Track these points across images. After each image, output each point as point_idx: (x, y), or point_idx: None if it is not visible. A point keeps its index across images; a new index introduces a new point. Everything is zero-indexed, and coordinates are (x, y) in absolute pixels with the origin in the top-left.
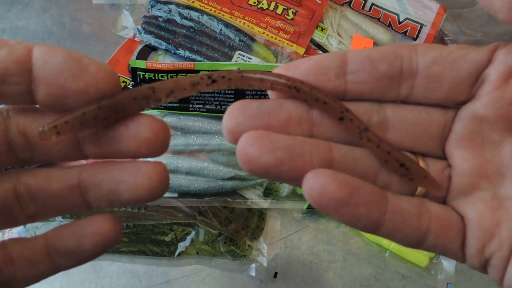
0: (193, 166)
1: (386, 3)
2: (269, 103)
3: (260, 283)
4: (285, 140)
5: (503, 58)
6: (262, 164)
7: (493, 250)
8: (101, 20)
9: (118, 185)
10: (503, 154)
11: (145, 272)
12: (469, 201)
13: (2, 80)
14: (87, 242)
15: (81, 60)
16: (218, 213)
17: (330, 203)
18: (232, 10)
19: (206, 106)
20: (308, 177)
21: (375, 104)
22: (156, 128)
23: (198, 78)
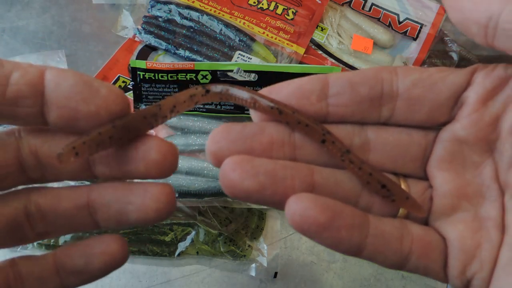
0: (193, 166)
1: (386, 3)
2: (251, 127)
3: (260, 283)
4: (267, 165)
5: (481, 81)
6: (244, 189)
7: (474, 271)
8: (101, 20)
9: (126, 207)
10: (483, 175)
11: (145, 272)
12: (450, 222)
13: (15, 102)
14: (96, 261)
15: (92, 83)
16: (218, 213)
17: (312, 227)
18: (232, 10)
19: (206, 106)
20: (290, 202)
21: (356, 126)
22: (164, 150)
23: (194, 89)
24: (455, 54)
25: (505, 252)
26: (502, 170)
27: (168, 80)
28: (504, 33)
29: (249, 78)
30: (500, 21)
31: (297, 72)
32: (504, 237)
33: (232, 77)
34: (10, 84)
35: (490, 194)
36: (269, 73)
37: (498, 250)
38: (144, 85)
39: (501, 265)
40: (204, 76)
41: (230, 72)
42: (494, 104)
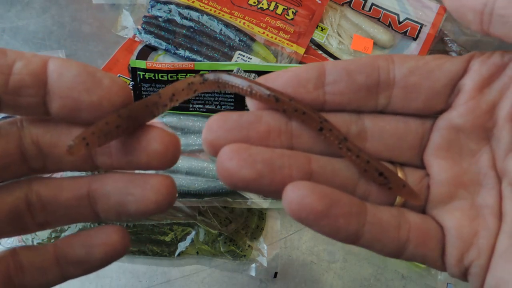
0: (193, 166)
1: (386, 3)
2: (248, 115)
3: (260, 283)
4: (265, 153)
5: (477, 68)
6: (242, 177)
7: (472, 259)
8: (101, 20)
9: (125, 197)
10: (480, 163)
11: (145, 272)
12: (447, 211)
13: (17, 92)
14: (96, 252)
15: (95, 73)
16: (218, 213)
17: (310, 215)
18: (232, 10)
19: (206, 106)
20: (288, 190)
21: (353, 114)
22: (166, 141)
23: (192, 78)
24: (455, 54)
25: (502, 239)
26: (499, 158)
27: (168, 80)
28: (499, 19)
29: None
30: (495, 7)
31: None
32: (502, 224)
33: None
34: (13, 73)
35: (487, 182)
36: (269, 73)
37: (496, 238)
38: (144, 85)
39: (499, 252)
40: None
41: (230, 72)
42: (490, 92)
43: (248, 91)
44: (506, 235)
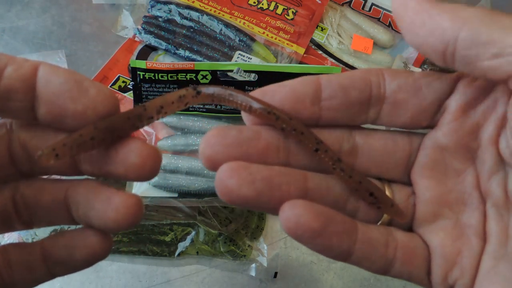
0: (193, 166)
1: (386, 3)
2: (247, 131)
3: (260, 283)
4: (264, 171)
5: (462, 90)
6: (241, 196)
7: (455, 278)
8: (101, 20)
9: (89, 211)
10: (465, 183)
11: (145, 272)
12: (432, 230)
13: (7, 96)
14: (77, 254)
15: (82, 82)
16: (218, 213)
17: (305, 233)
18: (232, 10)
19: (206, 106)
20: (285, 208)
21: (345, 131)
22: (145, 155)
23: (184, 90)
24: None
25: (486, 260)
26: (483, 179)
27: (168, 80)
28: (462, 59)
29: (249, 78)
30: (457, 48)
31: (297, 72)
32: (486, 245)
33: (232, 77)
34: (3, 77)
35: (471, 202)
36: (269, 73)
37: (479, 258)
38: (144, 85)
39: (483, 273)
40: (204, 76)
41: (230, 72)
42: (475, 113)
43: (247, 107)
44: (490, 256)
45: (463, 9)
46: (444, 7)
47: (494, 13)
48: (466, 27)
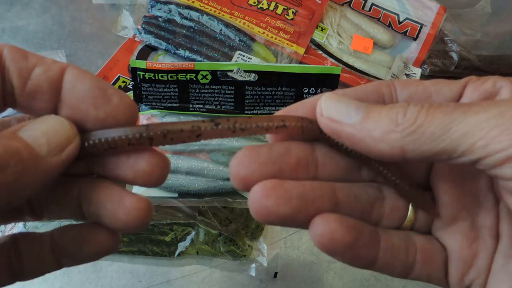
0: (193, 166)
1: (386, 3)
2: (277, 148)
3: (260, 283)
4: (298, 188)
5: (470, 94)
6: (280, 214)
7: (472, 279)
8: (101, 20)
9: (100, 210)
10: (480, 185)
11: (145, 272)
12: (449, 233)
13: (33, 95)
14: (86, 248)
15: (107, 90)
16: (218, 213)
17: (338, 248)
18: (232, 10)
19: (206, 106)
20: (316, 223)
21: None
22: (154, 162)
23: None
24: (455, 54)
25: (498, 259)
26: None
27: (168, 80)
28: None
29: (249, 78)
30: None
31: (297, 72)
32: (498, 245)
33: (232, 77)
34: (31, 78)
35: (486, 203)
36: (269, 73)
37: (493, 257)
38: (144, 85)
39: (495, 271)
40: (204, 76)
41: (230, 72)
42: None
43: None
44: (501, 255)
45: (392, 130)
46: (375, 133)
47: (417, 124)
48: (406, 150)
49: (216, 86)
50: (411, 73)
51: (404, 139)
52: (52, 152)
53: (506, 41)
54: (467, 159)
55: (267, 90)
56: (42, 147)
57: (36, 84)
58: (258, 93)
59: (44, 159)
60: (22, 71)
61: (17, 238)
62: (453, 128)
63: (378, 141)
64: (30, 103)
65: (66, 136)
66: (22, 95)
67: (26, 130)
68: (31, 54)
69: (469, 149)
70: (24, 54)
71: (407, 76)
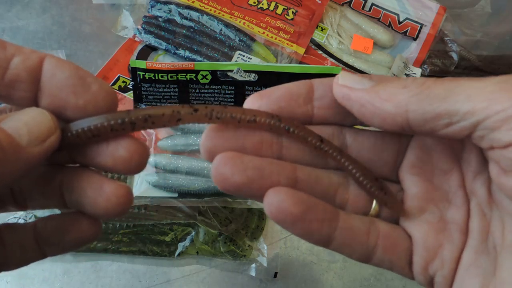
0: (193, 166)
1: (386, 3)
2: (243, 130)
3: (260, 283)
4: (255, 161)
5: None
6: (234, 182)
7: (436, 269)
8: (101, 20)
9: (82, 198)
10: (450, 182)
11: (145, 272)
12: (416, 223)
13: (12, 85)
14: (68, 237)
15: (85, 78)
16: (218, 213)
17: (287, 218)
18: (232, 10)
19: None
20: (268, 194)
21: (336, 129)
22: (133, 149)
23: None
24: (455, 54)
25: (467, 254)
26: (468, 179)
27: (168, 80)
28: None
29: (249, 78)
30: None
31: (297, 72)
32: (468, 240)
33: (232, 77)
34: (10, 67)
35: (456, 200)
36: (269, 73)
37: (461, 252)
38: (144, 85)
39: (464, 266)
40: (204, 76)
41: (230, 72)
42: None
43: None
44: (471, 251)
45: (399, 92)
46: (382, 94)
47: (425, 85)
48: (410, 110)
49: (216, 86)
50: (411, 73)
51: (409, 99)
52: (33, 142)
53: (506, 41)
54: (467, 123)
55: None
56: (23, 137)
57: (15, 74)
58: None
59: (25, 149)
60: (0, 61)
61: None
62: (458, 91)
63: (384, 101)
64: (9, 92)
65: (48, 127)
66: (1, 84)
67: (8, 122)
68: (9, 44)
69: (471, 111)
70: (3, 45)
71: (407, 76)
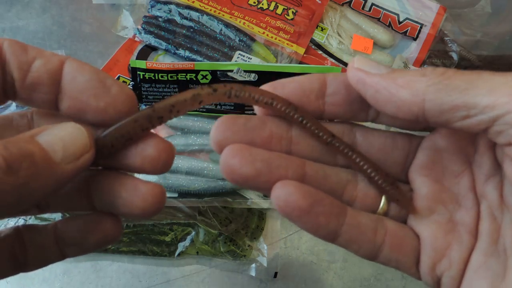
0: (193, 166)
1: (386, 3)
2: (254, 121)
3: (260, 283)
4: (264, 154)
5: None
6: (242, 174)
7: (443, 269)
8: (101, 20)
9: (115, 199)
10: (461, 184)
11: (145, 272)
12: (425, 223)
13: (33, 87)
14: (90, 238)
15: (106, 81)
16: (218, 213)
17: (294, 211)
18: (232, 10)
19: (206, 106)
20: (276, 187)
21: (347, 126)
22: (160, 148)
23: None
24: (455, 54)
25: (477, 256)
26: (480, 182)
27: (168, 80)
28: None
29: (249, 78)
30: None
31: (297, 72)
32: (477, 242)
33: (232, 77)
34: (31, 70)
35: (466, 202)
36: (269, 73)
37: (470, 254)
38: (144, 85)
39: (473, 267)
40: (204, 76)
41: (230, 72)
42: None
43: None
44: (481, 252)
45: (417, 80)
46: (400, 81)
47: (445, 76)
48: (427, 100)
49: None
50: None
51: (427, 88)
52: (67, 159)
53: (506, 41)
54: (486, 117)
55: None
56: (58, 153)
57: (36, 76)
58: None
59: (58, 165)
60: (22, 64)
61: (21, 230)
62: (479, 84)
63: (401, 87)
64: (30, 95)
65: (83, 144)
66: (23, 87)
67: (44, 135)
68: (31, 47)
69: (491, 105)
70: (24, 48)
71: None
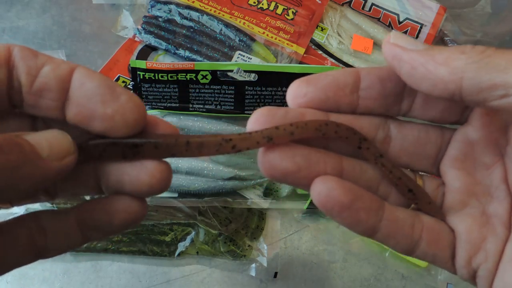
0: (193, 166)
1: (386, 3)
2: (293, 113)
3: (260, 283)
4: (304, 149)
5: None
6: (282, 169)
7: (480, 262)
8: (101, 20)
9: (122, 176)
10: (493, 176)
11: (145, 272)
12: (459, 216)
13: (40, 93)
14: (116, 218)
15: (115, 88)
16: (218, 213)
17: (335, 207)
18: (232, 10)
19: (206, 106)
20: (317, 182)
21: (381, 120)
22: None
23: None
24: None
25: (510, 247)
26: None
27: (168, 80)
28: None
29: (249, 78)
30: (463, 95)
31: (297, 72)
32: (511, 234)
33: (232, 77)
34: (39, 75)
35: (498, 194)
36: (269, 73)
37: (504, 245)
38: (144, 85)
39: (507, 258)
40: (204, 76)
41: (230, 72)
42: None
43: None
44: None
45: (456, 57)
46: (438, 58)
47: (485, 54)
48: (465, 78)
49: (216, 86)
50: None
51: (467, 65)
52: (52, 156)
53: (506, 41)
54: None
55: (267, 90)
56: (44, 150)
57: (44, 82)
58: (258, 93)
59: (44, 160)
60: (30, 69)
61: (38, 215)
62: None
63: (439, 65)
64: (37, 101)
65: (67, 147)
66: (30, 92)
67: (29, 135)
68: (42, 54)
69: None
70: (34, 54)
71: None
